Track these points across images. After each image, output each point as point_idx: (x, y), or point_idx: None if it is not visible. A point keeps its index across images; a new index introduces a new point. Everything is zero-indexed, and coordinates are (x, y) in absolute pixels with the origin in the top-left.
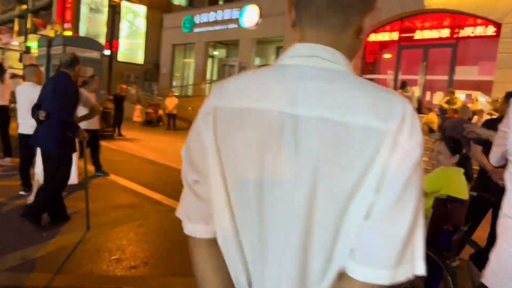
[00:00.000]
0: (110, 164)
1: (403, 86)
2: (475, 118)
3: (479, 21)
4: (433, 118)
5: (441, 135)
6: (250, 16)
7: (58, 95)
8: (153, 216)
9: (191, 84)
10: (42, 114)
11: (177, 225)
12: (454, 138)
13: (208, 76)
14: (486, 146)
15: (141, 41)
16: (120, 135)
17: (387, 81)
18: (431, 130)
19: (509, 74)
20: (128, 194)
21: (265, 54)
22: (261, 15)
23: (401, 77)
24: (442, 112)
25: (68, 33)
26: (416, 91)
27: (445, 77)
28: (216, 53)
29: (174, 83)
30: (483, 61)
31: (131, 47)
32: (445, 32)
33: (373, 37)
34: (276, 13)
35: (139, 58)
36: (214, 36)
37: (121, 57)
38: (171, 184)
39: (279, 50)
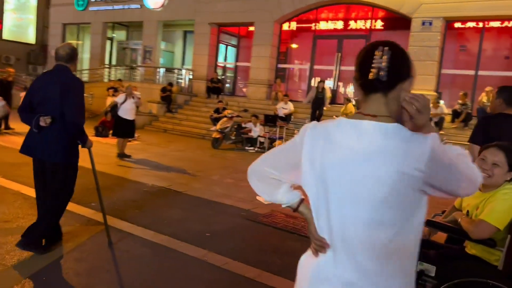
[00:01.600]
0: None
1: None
2: None
3: (391, 14)
4: (352, 109)
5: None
6: None
7: (75, 96)
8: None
9: (86, 69)
10: (47, 120)
11: None
12: None
13: (106, 60)
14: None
15: (31, 17)
16: (8, 128)
17: (296, 71)
18: None
19: (420, 67)
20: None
21: (172, 39)
22: None
23: (316, 67)
24: (358, 102)
25: None
26: (330, 83)
27: None
28: (115, 35)
29: None
30: None
31: (20, 24)
32: (359, 24)
33: (287, 26)
34: None
35: (30, 36)
36: (113, 17)
37: (6, 34)
38: (81, 187)
39: (187, 35)
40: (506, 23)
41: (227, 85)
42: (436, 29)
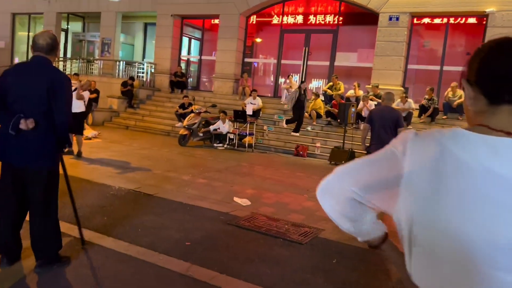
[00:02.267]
0: None
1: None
2: (360, 104)
3: (358, 9)
4: (321, 104)
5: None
6: None
7: (65, 94)
8: None
9: None
10: (29, 124)
11: None
12: None
13: (61, 53)
14: None
15: None
16: None
17: (263, 65)
18: (318, 116)
19: (387, 62)
20: None
21: (132, 31)
22: None
23: (283, 62)
24: (326, 97)
25: None
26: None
27: (327, 63)
28: (70, 26)
29: (16, 60)
30: (362, 48)
31: None
32: (326, 18)
33: (253, 20)
34: None
35: None
36: (68, 7)
37: None
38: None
39: (148, 27)
40: (469, 20)
41: (191, 79)
42: (403, 24)
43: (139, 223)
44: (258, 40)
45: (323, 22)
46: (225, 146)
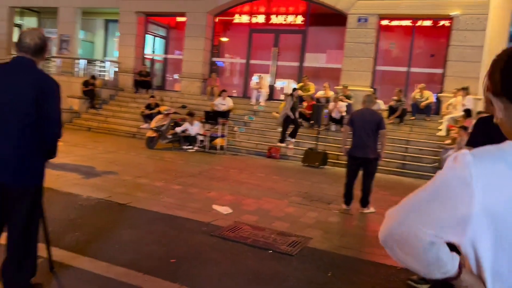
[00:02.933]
0: None
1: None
2: (331, 105)
3: (327, 10)
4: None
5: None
6: None
7: (56, 102)
8: None
9: None
10: None
11: None
12: None
13: (13, 50)
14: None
15: None
16: None
17: (232, 65)
18: None
19: (355, 63)
20: None
21: (92, 28)
22: None
23: (252, 61)
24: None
25: None
26: (267, 77)
27: (296, 64)
28: (24, 22)
29: None
30: (331, 49)
31: None
32: (295, 19)
33: (222, 19)
34: None
35: None
36: (21, 1)
37: None
38: None
39: (109, 24)
40: (435, 22)
41: (156, 78)
42: (371, 25)
43: (116, 238)
44: (226, 39)
45: (292, 23)
46: (195, 148)
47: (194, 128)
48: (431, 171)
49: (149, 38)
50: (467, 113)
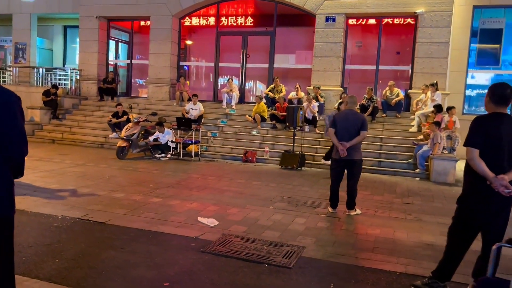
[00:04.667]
0: None
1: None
2: (305, 105)
3: (295, 10)
4: (264, 107)
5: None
6: None
7: (18, 119)
8: None
9: None
10: None
11: None
12: None
13: None
14: (486, 148)
15: None
16: None
17: (199, 68)
18: (263, 119)
19: (325, 62)
20: None
21: (50, 34)
22: None
23: (221, 64)
24: (268, 100)
25: None
26: (235, 81)
27: (266, 65)
28: None
29: None
30: (300, 50)
31: None
32: (264, 20)
33: (188, 22)
34: None
35: None
36: None
37: None
38: None
39: (67, 30)
40: (401, 20)
41: (120, 85)
42: (339, 25)
43: (100, 263)
44: (192, 42)
45: (259, 24)
46: (169, 156)
47: (166, 136)
48: (407, 167)
49: (112, 43)
50: (438, 108)
